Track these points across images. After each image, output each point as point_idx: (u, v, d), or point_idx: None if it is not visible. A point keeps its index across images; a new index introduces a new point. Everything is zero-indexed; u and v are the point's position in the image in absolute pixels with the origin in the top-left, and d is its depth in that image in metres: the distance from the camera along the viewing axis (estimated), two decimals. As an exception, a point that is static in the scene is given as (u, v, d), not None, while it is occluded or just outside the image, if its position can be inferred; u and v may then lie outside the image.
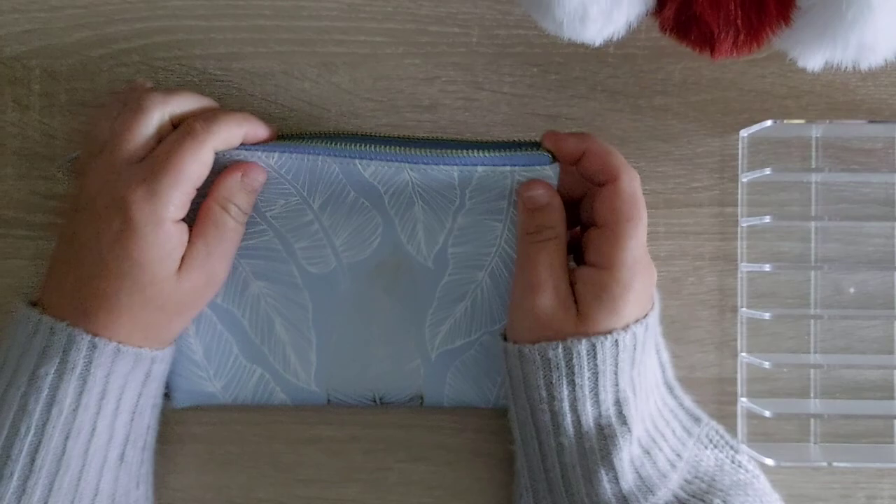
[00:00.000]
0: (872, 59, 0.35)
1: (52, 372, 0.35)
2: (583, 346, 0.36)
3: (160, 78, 0.43)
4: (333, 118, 0.43)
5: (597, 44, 0.36)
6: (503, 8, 0.43)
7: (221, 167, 0.37)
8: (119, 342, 0.36)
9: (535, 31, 0.43)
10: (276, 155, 0.38)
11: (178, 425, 0.43)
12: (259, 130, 0.38)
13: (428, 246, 0.40)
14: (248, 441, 0.43)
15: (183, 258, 0.36)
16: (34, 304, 0.37)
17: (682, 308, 0.44)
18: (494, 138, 0.40)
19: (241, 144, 0.37)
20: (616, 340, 0.36)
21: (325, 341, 0.41)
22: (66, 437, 0.35)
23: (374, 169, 0.38)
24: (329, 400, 0.42)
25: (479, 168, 0.38)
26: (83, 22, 0.43)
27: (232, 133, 0.37)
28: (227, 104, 0.43)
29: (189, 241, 0.37)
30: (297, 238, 0.40)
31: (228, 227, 0.37)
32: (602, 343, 0.35)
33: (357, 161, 0.37)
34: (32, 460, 0.35)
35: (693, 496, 0.37)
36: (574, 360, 0.36)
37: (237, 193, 0.37)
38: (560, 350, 0.36)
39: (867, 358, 0.43)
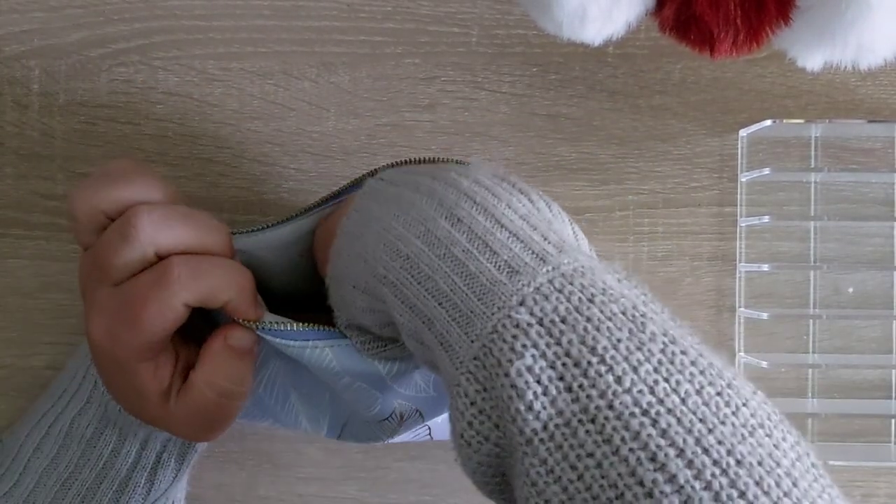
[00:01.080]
0: (872, 58, 0.35)
1: (95, 421, 0.35)
2: None
3: (159, 78, 0.43)
4: (333, 118, 0.43)
5: (596, 43, 0.36)
6: (503, 8, 0.43)
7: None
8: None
9: (534, 30, 0.43)
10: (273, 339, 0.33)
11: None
12: (244, 306, 0.32)
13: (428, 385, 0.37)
14: (248, 439, 0.44)
15: (172, 385, 0.33)
16: None
17: (680, 308, 0.44)
18: None
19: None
20: None
21: (338, 418, 0.39)
22: (101, 482, 0.35)
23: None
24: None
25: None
26: (82, 22, 0.43)
27: (214, 295, 0.32)
28: (226, 104, 0.43)
29: (187, 384, 0.33)
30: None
31: (220, 410, 0.33)
32: None
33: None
34: (65, 493, 0.35)
35: (542, 319, 0.25)
36: None
37: (225, 368, 0.33)
38: None
39: (865, 358, 0.43)
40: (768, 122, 0.42)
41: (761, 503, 0.21)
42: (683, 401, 0.23)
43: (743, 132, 0.43)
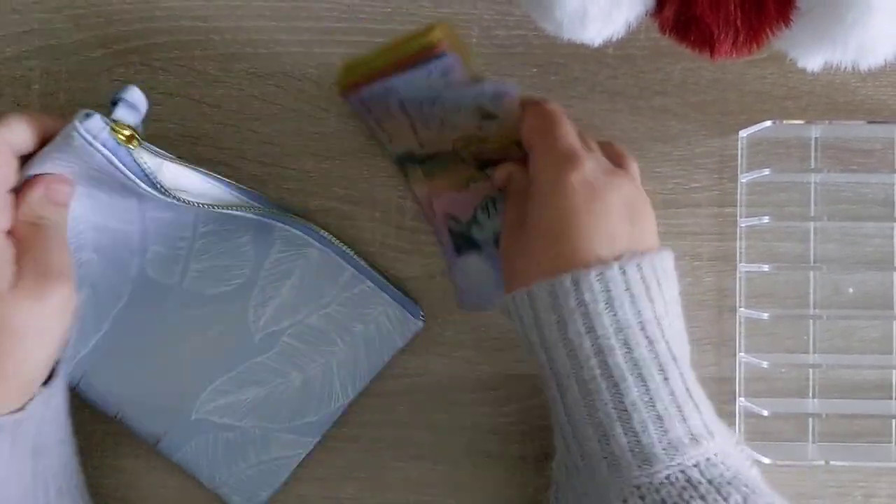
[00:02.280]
0: (872, 59, 0.35)
1: None
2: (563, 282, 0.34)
3: (160, 79, 0.43)
4: (333, 118, 0.43)
5: (596, 44, 0.36)
6: (503, 9, 0.43)
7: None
8: None
9: (534, 31, 0.43)
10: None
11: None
12: (56, 125, 0.36)
13: (269, 322, 0.40)
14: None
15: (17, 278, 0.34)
16: None
17: (681, 308, 0.44)
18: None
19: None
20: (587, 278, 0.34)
21: (111, 339, 0.40)
22: None
23: (287, 233, 0.39)
24: (74, 387, 0.40)
25: (368, 285, 0.40)
26: (83, 23, 0.43)
27: (27, 128, 0.35)
28: (226, 105, 0.43)
29: (17, 263, 0.34)
30: (157, 241, 0.39)
31: (47, 238, 0.35)
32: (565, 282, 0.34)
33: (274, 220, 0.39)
34: None
35: (712, 480, 0.33)
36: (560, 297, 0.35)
37: (45, 208, 0.35)
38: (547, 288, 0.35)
39: (865, 358, 0.44)
40: (768, 123, 0.42)
41: None
42: None
43: (743, 133, 0.43)
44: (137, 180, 0.35)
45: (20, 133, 0.35)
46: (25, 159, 0.36)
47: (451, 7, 0.43)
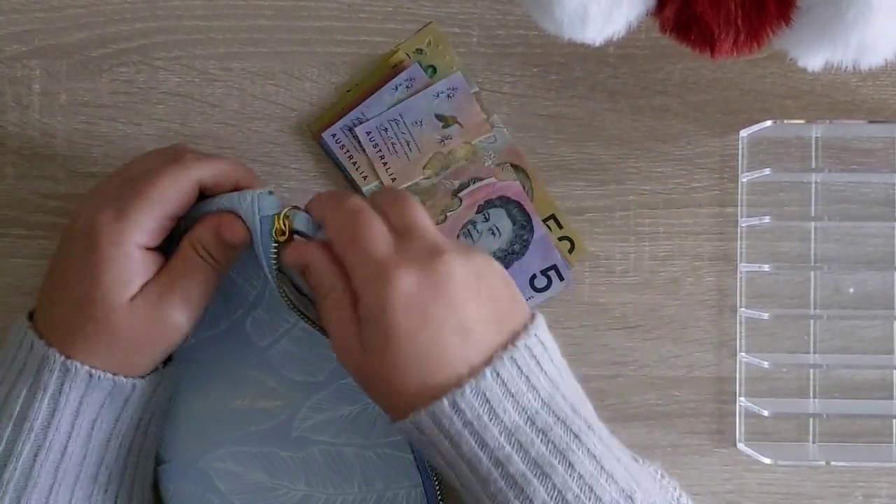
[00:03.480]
0: (873, 59, 0.35)
1: (26, 389, 0.35)
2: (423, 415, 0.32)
3: (161, 78, 0.43)
4: (333, 118, 0.43)
5: (597, 44, 0.36)
6: (503, 8, 0.43)
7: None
8: (93, 367, 0.35)
9: (535, 31, 0.43)
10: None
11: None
12: (253, 181, 0.37)
13: (311, 429, 0.40)
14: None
15: (143, 288, 0.35)
16: (32, 314, 0.37)
17: (681, 308, 0.44)
18: None
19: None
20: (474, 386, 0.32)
21: (186, 353, 0.40)
22: (36, 455, 0.35)
23: None
24: None
25: (410, 457, 0.40)
26: (83, 22, 0.43)
27: (222, 171, 0.37)
28: (227, 104, 0.43)
29: (155, 275, 0.36)
30: (267, 309, 0.40)
31: (196, 266, 0.36)
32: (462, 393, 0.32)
33: None
34: (1, 474, 0.35)
35: None
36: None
37: (209, 240, 0.36)
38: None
39: (866, 358, 0.44)
40: (769, 123, 0.42)
41: None
42: None
43: (744, 132, 0.43)
44: (266, 267, 0.36)
45: (210, 172, 0.36)
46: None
47: (451, 7, 0.43)
